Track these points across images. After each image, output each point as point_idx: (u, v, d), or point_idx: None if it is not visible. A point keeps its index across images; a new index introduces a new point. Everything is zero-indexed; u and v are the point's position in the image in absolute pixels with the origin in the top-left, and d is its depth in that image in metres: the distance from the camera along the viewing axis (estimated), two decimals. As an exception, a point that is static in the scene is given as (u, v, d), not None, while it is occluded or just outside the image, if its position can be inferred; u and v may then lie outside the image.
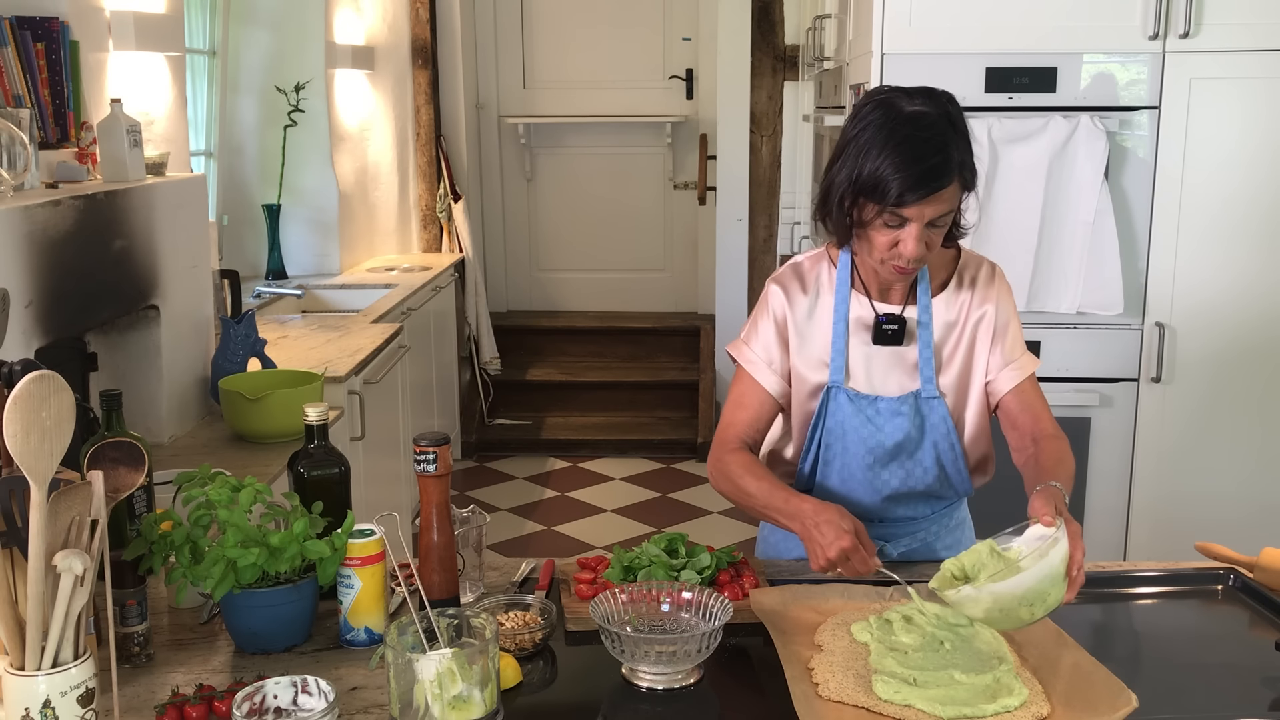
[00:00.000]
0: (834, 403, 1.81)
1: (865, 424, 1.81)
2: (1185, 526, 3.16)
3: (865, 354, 1.82)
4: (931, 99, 1.69)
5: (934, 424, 1.81)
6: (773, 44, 5.49)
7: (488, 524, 1.78)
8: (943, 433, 1.82)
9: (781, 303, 1.84)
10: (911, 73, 3.07)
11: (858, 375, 1.82)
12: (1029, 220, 3.05)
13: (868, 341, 1.82)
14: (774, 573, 1.81)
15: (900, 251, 1.68)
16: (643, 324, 6.31)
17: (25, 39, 2.51)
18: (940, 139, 1.64)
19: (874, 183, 1.64)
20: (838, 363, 1.81)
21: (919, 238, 1.67)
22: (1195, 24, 3.00)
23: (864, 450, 1.82)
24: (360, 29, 5.01)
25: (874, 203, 1.66)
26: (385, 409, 3.72)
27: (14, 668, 1.23)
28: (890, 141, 1.63)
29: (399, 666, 1.31)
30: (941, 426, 1.81)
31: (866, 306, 1.82)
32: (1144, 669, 1.57)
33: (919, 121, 1.65)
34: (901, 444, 1.81)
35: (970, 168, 1.69)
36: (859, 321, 1.82)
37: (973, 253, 1.89)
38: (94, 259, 2.42)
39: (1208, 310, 3.14)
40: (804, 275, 1.86)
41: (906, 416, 1.80)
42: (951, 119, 1.67)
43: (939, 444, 1.82)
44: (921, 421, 1.81)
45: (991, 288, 1.85)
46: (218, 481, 1.60)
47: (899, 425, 1.80)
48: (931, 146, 1.63)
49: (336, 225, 4.70)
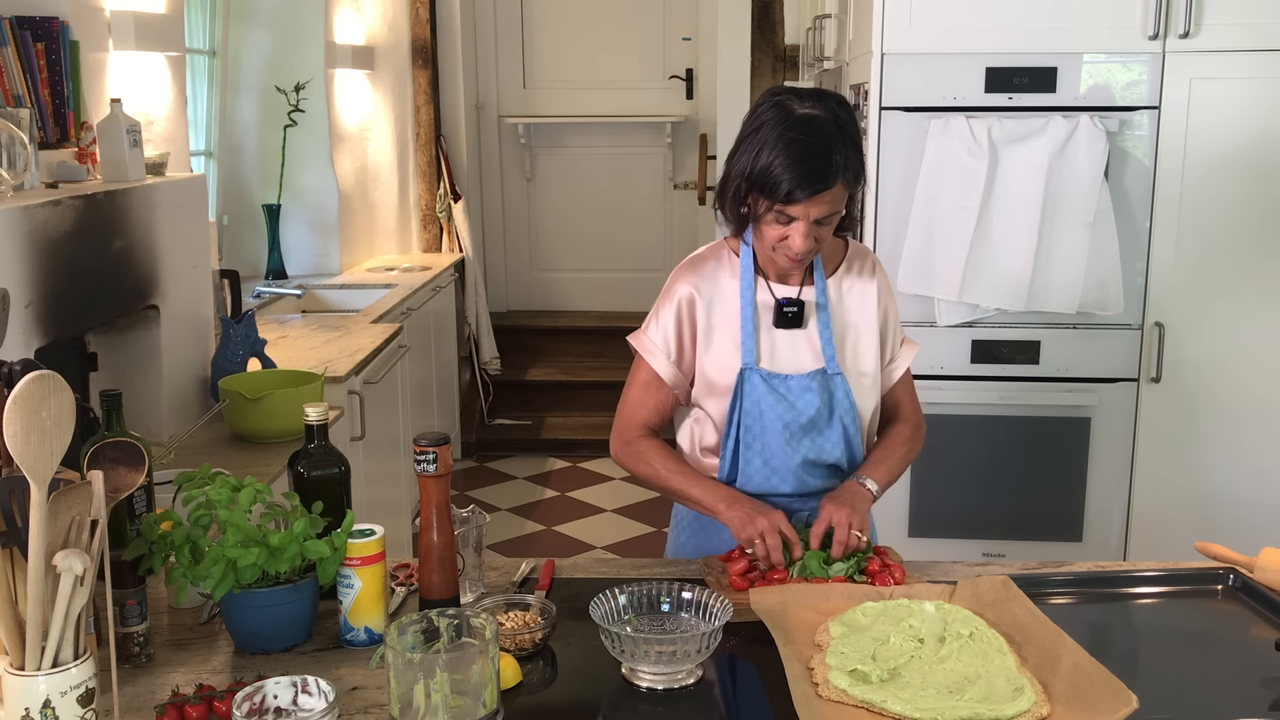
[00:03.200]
0: (749, 384, 1.89)
1: (779, 401, 1.89)
2: (1185, 527, 3.16)
3: (771, 336, 1.91)
4: (821, 102, 1.78)
5: (839, 399, 1.90)
6: (773, 44, 5.49)
7: (488, 524, 1.78)
8: (846, 408, 1.91)
9: (688, 293, 1.92)
10: (911, 73, 3.08)
11: (767, 356, 1.91)
12: (1029, 220, 3.05)
13: (771, 324, 1.91)
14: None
15: (789, 245, 1.79)
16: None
17: (25, 39, 2.50)
18: (825, 143, 1.74)
19: (764, 179, 1.75)
20: (748, 345, 1.89)
21: (806, 234, 1.77)
22: (1195, 24, 3.00)
23: (780, 426, 1.89)
24: (360, 29, 5.01)
25: (765, 198, 1.76)
26: (385, 409, 3.72)
27: (14, 668, 1.23)
28: (780, 142, 1.74)
29: (399, 666, 1.31)
30: (845, 402, 1.91)
31: (767, 291, 1.92)
32: (1144, 669, 1.57)
33: (808, 125, 1.75)
34: (814, 419, 1.90)
35: (854, 170, 1.79)
36: (763, 305, 1.92)
37: (858, 244, 2.01)
38: (94, 259, 2.42)
39: (1208, 310, 3.14)
40: (706, 266, 1.94)
41: (815, 392, 1.89)
42: (840, 122, 1.77)
43: (844, 418, 1.91)
44: (829, 397, 1.90)
45: (873, 282, 1.97)
46: (218, 481, 1.60)
47: (809, 401, 1.89)
48: (817, 150, 1.73)
49: (336, 225, 4.70)
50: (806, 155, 1.72)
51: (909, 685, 1.40)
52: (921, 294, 3.14)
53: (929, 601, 1.60)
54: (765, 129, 1.76)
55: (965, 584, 1.66)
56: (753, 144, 1.77)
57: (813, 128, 1.74)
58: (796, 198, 1.73)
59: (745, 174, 1.77)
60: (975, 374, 3.20)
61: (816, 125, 1.74)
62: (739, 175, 1.79)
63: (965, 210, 3.05)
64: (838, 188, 1.75)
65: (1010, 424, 3.21)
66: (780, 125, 1.75)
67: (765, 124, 1.76)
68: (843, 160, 1.75)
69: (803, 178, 1.72)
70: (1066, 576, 1.79)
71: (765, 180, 1.74)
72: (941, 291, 3.12)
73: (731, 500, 1.82)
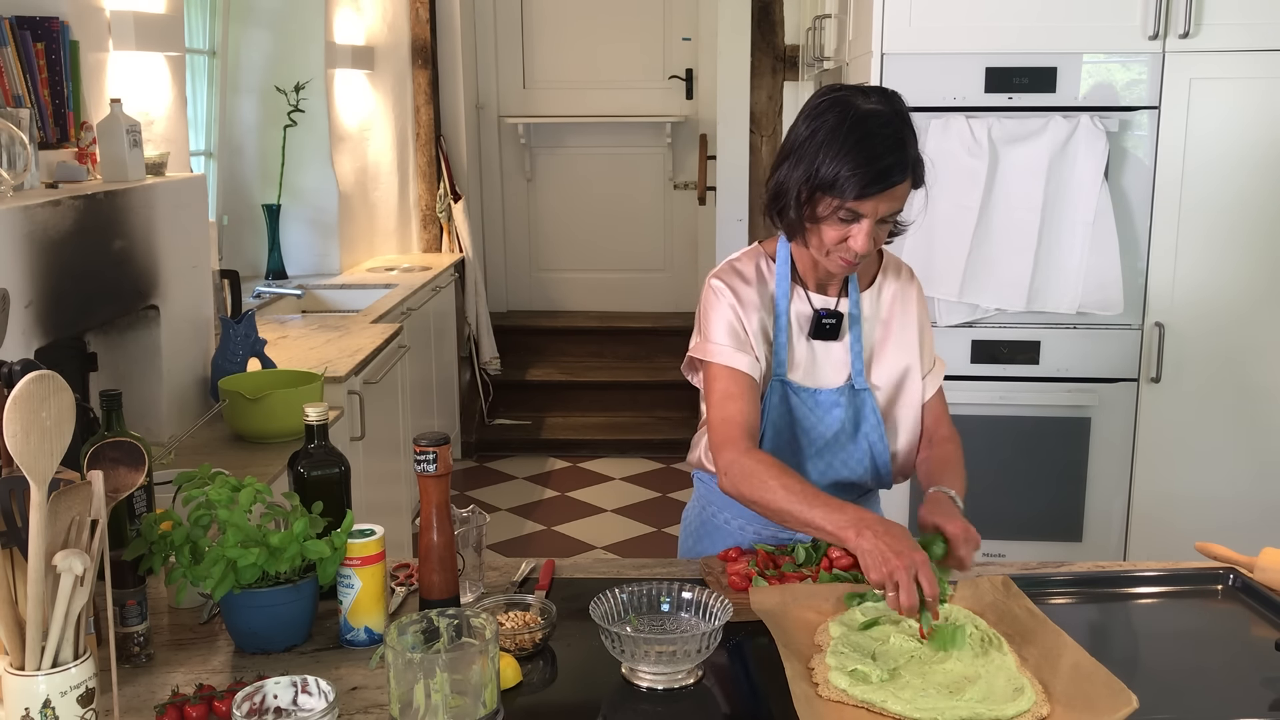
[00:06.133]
0: (777, 395, 1.85)
1: (808, 415, 1.85)
2: (1185, 527, 3.16)
3: (804, 347, 1.87)
4: (885, 98, 1.74)
5: (865, 415, 1.86)
6: (773, 44, 5.49)
7: (488, 524, 1.78)
8: (873, 424, 1.87)
9: (729, 297, 1.85)
10: (911, 73, 3.08)
11: (798, 368, 1.86)
12: (1029, 220, 3.05)
13: (806, 335, 1.86)
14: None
15: (850, 245, 1.73)
16: (643, 324, 6.31)
17: (25, 39, 2.50)
18: (897, 136, 1.69)
19: (832, 179, 1.68)
20: (781, 355, 1.85)
21: (870, 233, 1.72)
22: (1195, 24, 3.00)
23: (806, 440, 1.86)
24: (360, 29, 5.01)
25: (831, 197, 1.70)
26: (385, 409, 3.72)
27: (14, 668, 1.23)
28: (850, 139, 1.67)
29: (399, 666, 1.31)
30: (871, 418, 1.86)
31: (805, 300, 1.87)
32: (1144, 669, 1.57)
33: (876, 119, 1.69)
34: (839, 434, 1.86)
35: (921, 164, 1.75)
36: (798, 315, 1.87)
37: (892, 254, 1.96)
38: (94, 259, 2.42)
39: (1208, 310, 3.14)
40: (743, 271, 1.88)
41: (843, 408, 1.85)
42: (904, 117, 1.73)
43: (870, 435, 1.87)
44: (855, 413, 1.86)
45: (912, 291, 1.93)
46: (218, 481, 1.60)
47: (836, 416, 1.85)
48: (889, 144, 1.68)
49: (336, 225, 4.70)
50: (879, 150, 1.66)
51: (909, 685, 1.40)
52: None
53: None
54: (828, 128, 1.69)
55: (965, 584, 1.66)
56: (814, 145, 1.70)
57: (880, 121, 1.68)
58: (869, 193, 1.67)
59: (809, 177, 1.70)
60: (975, 374, 3.20)
61: (884, 120, 1.69)
62: (800, 179, 1.72)
63: (965, 210, 3.05)
64: (906, 183, 1.71)
65: (1010, 424, 3.21)
66: (848, 123, 1.68)
67: (827, 124, 1.70)
68: (913, 155, 1.70)
69: (878, 173, 1.66)
70: (1066, 576, 1.79)
71: (834, 180, 1.67)
72: (941, 291, 3.12)
73: (862, 525, 1.55)
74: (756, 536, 1.92)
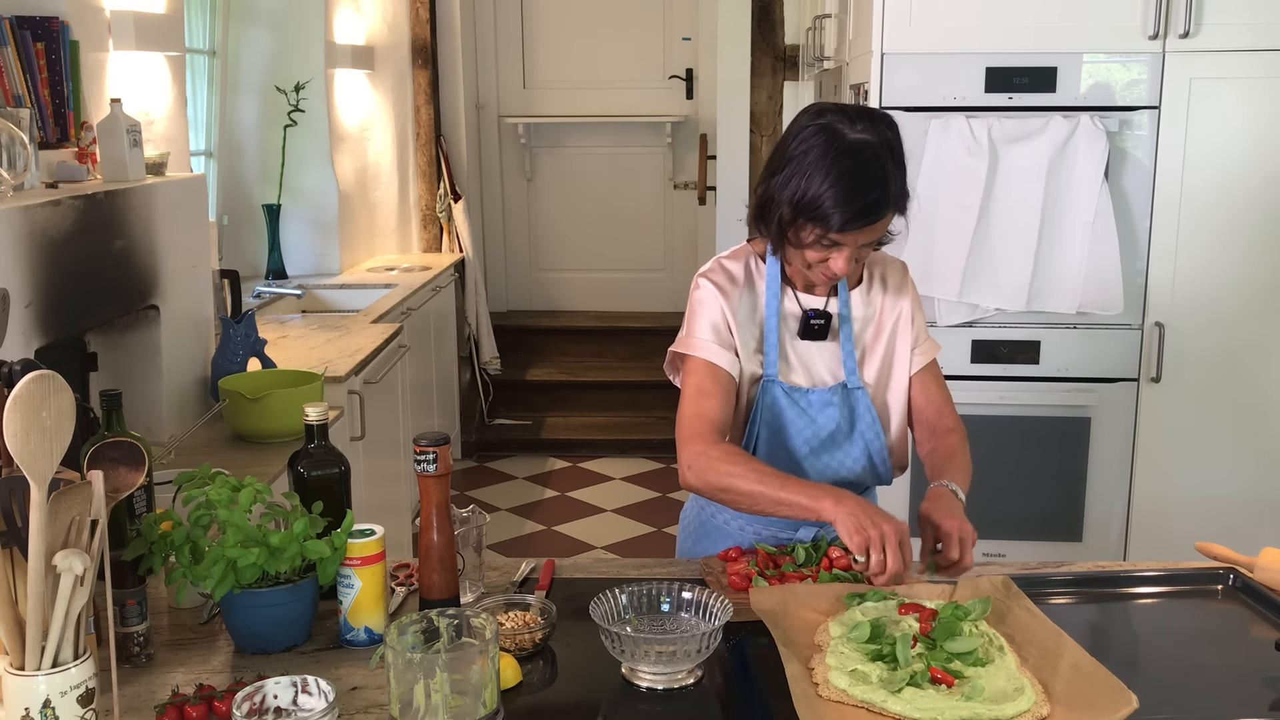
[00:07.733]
0: (769, 396, 1.85)
1: (800, 415, 1.85)
2: (1185, 527, 3.16)
3: (795, 347, 1.87)
4: (873, 124, 1.71)
5: (860, 414, 1.87)
6: (773, 44, 5.49)
7: (488, 524, 1.78)
8: (868, 422, 1.87)
9: (716, 296, 1.85)
10: (911, 72, 3.08)
11: (789, 368, 1.87)
12: (1029, 220, 3.05)
13: (795, 335, 1.87)
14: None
15: (830, 267, 1.75)
16: (643, 324, 6.31)
17: (25, 39, 2.50)
18: (881, 171, 1.69)
19: (814, 210, 1.69)
20: (771, 356, 1.85)
21: (850, 258, 1.73)
22: (1195, 24, 3.00)
23: (800, 441, 1.86)
24: (360, 29, 5.01)
25: (815, 226, 1.71)
26: (385, 409, 3.72)
27: (14, 668, 1.23)
28: (833, 171, 1.67)
29: (399, 666, 1.31)
30: (866, 416, 1.87)
31: (794, 301, 1.87)
32: (1144, 669, 1.57)
33: (861, 152, 1.68)
34: (834, 434, 1.86)
35: (905, 195, 1.74)
36: (789, 315, 1.87)
37: (884, 254, 1.95)
38: (94, 259, 2.42)
39: (1208, 310, 3.14)
40: (732, 271, 1.88)
41: (837, 407, 1.86)
42: (891, 146, 1.71)
43: (865, 433, 1.87)
44: (850, 412, 1.87)
45: (905, 285, 1.93)
46: (218, 481, 1.60)
47: (830, 416, 1.86)
48: (873, 180, 1.68)
49: (336, 225, 4.70)
50: (861, 188, 1.66)
51: (909, 685, 1.40)
52: (921, 294, 3.12)
53: (929, 601, 1.60)
54: (814, 155, 1.69)
55: (965, 584, 1.65)
56: (800, 169, 1.70)
57: (865, 156, 1.68)
58: (850, 229, 1.68)
59: (793, 201, 1.70)
60: (975, 374, 3.20)
61: (870, 153, 1.68)
62: (785, 202, 1.72)
63: (965, 210, 3.05)
64: (889, 216, 1.72)
65: (1010, 424, 3.21)
66: (832, 152, 1.68)
67: (813, 149, 1.69)
68: (896, 189, 1.70)
69: (858, 212, 1.66)
70: (1066, 576, 1.79)
71: (816, 211, 1.68)
72: (941, 291, 3.12)
73: (839, 497, 1.61)
74: (756, 536, 1.92)
